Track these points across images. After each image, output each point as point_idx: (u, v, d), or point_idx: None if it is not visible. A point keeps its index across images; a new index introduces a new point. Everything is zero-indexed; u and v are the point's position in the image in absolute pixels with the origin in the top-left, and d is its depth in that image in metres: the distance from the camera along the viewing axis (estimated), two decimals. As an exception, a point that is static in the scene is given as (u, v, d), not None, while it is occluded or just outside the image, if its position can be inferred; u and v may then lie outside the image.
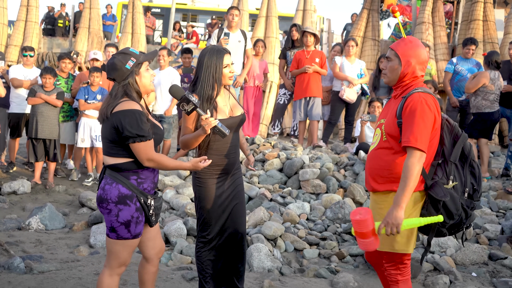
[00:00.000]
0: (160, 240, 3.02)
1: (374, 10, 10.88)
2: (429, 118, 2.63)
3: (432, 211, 2.67)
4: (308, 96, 7.34)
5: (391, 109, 2.83)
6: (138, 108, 2.65)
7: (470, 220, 2.77)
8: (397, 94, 2.85)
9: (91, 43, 12.08)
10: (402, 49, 2.76)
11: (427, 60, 2.82)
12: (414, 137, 2.59)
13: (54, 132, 6.81)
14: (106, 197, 2.69)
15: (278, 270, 4.22)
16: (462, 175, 2.74)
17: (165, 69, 7.49)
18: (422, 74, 2.81)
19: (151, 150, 2.65)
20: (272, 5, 10.71)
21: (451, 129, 2.78)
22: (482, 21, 10.11)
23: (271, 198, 5.51)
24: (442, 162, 2.74)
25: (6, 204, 5.97)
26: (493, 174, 7.09)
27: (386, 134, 2.77)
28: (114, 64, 2.69)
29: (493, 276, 4.34)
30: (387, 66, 2.83)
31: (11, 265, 3.87)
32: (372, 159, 2.84)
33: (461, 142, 2.75)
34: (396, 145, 2.73)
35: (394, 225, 2.55)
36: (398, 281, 2.79)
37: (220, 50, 3.09)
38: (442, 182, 2.69)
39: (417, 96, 2.66)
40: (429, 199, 2.69)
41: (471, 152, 2.77)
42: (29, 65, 7.42)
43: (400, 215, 2.55)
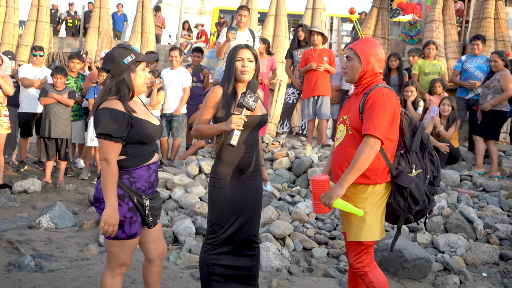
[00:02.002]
0: (163, 241, 2.96)
1: (384, 8, 10.82)
2: (388, 110, 2.77)
3: (399, 199, 2.84)
4: (317, 95, 7.32)
5: (353, 105, 2.95)
6: (120, 108, 2.61)
7: (432, 205, 2.94)
8: (358, 91, 2.98)
9: (101, 42, 12.16)
10: (361, 48, 2.91)
11: (384, 58, 2.96)
12: (373, 125, 2.73)
13: (66, 131, 6.86)
14: (99, 197, 2.65)
15: (286, 269, 4.21)
16: (423, 163, 2.91)
17: (176, 68, 7.52)
18: (381, 71, 2.95)
19: (112, 152, 2.58)
20: (281, 4, 10.69)
21: (410, 121, 2.95)
22: (493, 19, 10.01)
23: (280, 197, 5.50)
24: (404, 152, 2.91)
25: (17, 203, 6.02)
26: (504, 174, 7.02)
27: (352, 128, 2.89)
28: (113, 56, 2.67)
29: (504, 276, 4.30)
30: (347, 65, 2.97)
31: (21, 263, 3.90)
32: (339, 153, 2.95)
33: (420, 132, 2.92)
34: (360, 138, 2.85)
35: (328, 197, 2.76)
36: (366, 272, 2.91)
37: (239, 45, 3.13)
38: (406, 171, 2.86)
39: (378, 90, 2.81)
40: (396, 187, 2.84)
41: (429, 141, 2.94)
42: (38, 64, 7.47)
43: (338, 192, 2.74)
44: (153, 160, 2.79)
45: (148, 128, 2.72)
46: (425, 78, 7.88)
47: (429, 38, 9.72)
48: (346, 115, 2.97)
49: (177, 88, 7.50)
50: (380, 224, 2.88)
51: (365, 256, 2.91)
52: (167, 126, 7.58)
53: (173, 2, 25.25)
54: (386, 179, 2.85)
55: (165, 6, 24.84)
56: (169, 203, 5.63)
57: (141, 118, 2.70)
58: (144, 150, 2.72)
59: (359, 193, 2.85)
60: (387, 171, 2.85)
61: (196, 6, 27.08)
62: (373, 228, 2.85)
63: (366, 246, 2.89)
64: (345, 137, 2.92)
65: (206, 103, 3.06)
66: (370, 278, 2.90)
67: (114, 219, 2.56)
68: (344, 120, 2.97)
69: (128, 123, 2.63)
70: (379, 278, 2.91)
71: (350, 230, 2.89)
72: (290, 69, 8.19)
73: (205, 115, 3.06)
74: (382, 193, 2.86)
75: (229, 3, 26.05)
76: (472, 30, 10.39)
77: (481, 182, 6.32)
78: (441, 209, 5.23)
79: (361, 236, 2.85)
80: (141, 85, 2.75)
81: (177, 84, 7.49)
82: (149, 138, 2.72)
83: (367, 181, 2.82)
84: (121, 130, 2.60)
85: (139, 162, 2.70)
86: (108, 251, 2.76)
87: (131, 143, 2.67)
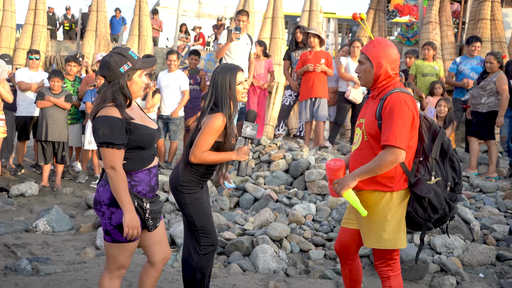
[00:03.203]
0: (167, 245, 2.95)
1: (380, 10, 10.86)
2: (407, 117, 2.69)
3: (417, 208, 2.77)
4: (314, 97, 7.32)
5: (369, 109, 2.90)
6: (118, 115, 2.59)
7: (453, 212, 2.87)
8: (374, 95, 2.91)
9: (98, 45, 12.17)
10: (371, 51, 2.83)
11: (398, 58, 2.87)
12: (393, 135, 2.66)
13: (63, 134, 6.86)
14: (99, 199, 2.66)
15: (283, 271, 4.21)
16: (443, 170, 2.84)
17: (174, 71, 7.53)
18: (396, 72, 2.86)
19: (117, 159, 2.58)
20: (278, 6, 10.71)
21: (429, 126, 2.86)
22: (489, 20, 10.04)
23: (277, 199, 5.51)
24: (423, 159, 2.82)
25: (14, 207, 6.01)
26: (501, 174, 7.04)
27: (367, 134, 2.84)
28: (109, 64, 2.64)
29: (501, 277, 4.30)
30: (360, 70, 2.90)
31: (18, 267, 3.89)
32: (355, 159, 2.91)
33: (440, 138, 2.84)
34: (376, 145, 2.80)
35: (340, 186, 2.78)
36: (389, 276, 2.88)
37: (233, 68, 3.08)
38: (425, 179, 2.78)
39: (395, 96, 2.73)
40: (414, 196, 2.77)
41: (450, 147, 2.87)
42: (35, 68, 7.47)
43: (350, 183, 2.76)
44: (154, 164, 2.79)
45: (147, 133, 2.71)
46: (423, 79, 7.90)
47: (425, 40, 9.75)
48: (363, 118, 2.92)
49: (174, 91, 7.51)
50: (402, 231, 2.82)
51: (391, 261, 2.87)
52: (164, 129, 7.58)
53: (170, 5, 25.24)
54: (403, 186, 2.79)
55: (162, 9, 24.84)
56: (166, 206, 5.63)
57: (139, 124, 2.69)
58: (144, 155, 2.72)
59: (377, 199, 2.80)
60: (404, 179, 2.78)
61: (194, 9, 27.07)
62: (393, 236, 2.79)
63: (391, 251, 2.85)
64: (361, 143, 2.88)
65: (211, 132, 2.96)
66: (391, 283, 2.88)
67: (135, 221, 2.60)
68: (361, 124, 2.91)
69: (127, 130, 2.63)
70: (399, 285, 2.89)
71: (369, 237, 2.84)
72: (288, 71, 8.19)
73: (208, 144, 2.99)
74: (400, 201, 2.79)
75: (227, 6, 26.08)
76: (469, 31, 10.44)
77: (478, 183, 6.33)
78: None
79: (380, 244, 2.81)
80: (138, 91, 2.74)
81: (174, 87, 7.50)
82: (148, 142, 2.72)
83: (383, 188, 2.77)
84: (122, 137, 2.59)
85: (140, 166, 2.70)
86: (107, 254, 2.76)
87: (130, 149, 2.67)
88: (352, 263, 3.11)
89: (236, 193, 5.82)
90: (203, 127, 3.00)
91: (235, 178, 5.93)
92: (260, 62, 8.09)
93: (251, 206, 5.54)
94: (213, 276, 3.85)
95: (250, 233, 4.70)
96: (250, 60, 7.28)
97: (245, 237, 4.60)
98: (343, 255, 3.10)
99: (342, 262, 3.13)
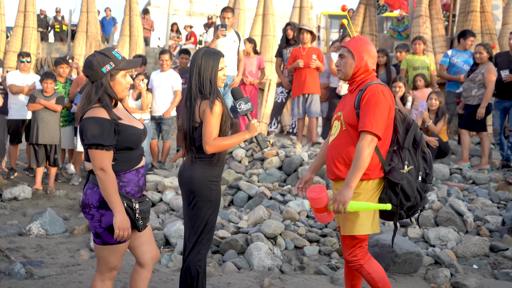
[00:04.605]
0: (155, 245, 2.94)
1: (371, 5, 10.86)
2: (384, 106, 2.83)
3: (391, 195, 2.88)
4: (306, 93, 7.32)
5: (347, 102, 3.02)
6: (105, 116, 2.58)
7: (424, 202, 2.98)
8: (352, 89, 3.03)
9: (89, 46, 12.11)
10: (354, 45, 2.99)
11: (376, 55, 3.04)
12: (369, 122, 2.78)
13: (55, 137, 6.83)
14: (88, 202, 2.64)
15: (278, 268, 4.21)
16: (415, 160, 2.95)
17: (166, 71, 7.51)
18: (374, 68, 3.01)
19: (106, 160, 2.56)
20: (268, 3, 10.70)
21: (404, 118, 2.99)
22: (479, 12, 10.07)
23: (271, 196, 5.51)
24: (397, 149, 2.95)
25: (7, 210, 5.99)
26: (494, 166, 7.07)
27: (346, 124, 2.94)
28: (91, 63, 2.61)
29: (494, 267, 4.33)
30: (341, 63, 3.03)
31: (11, 271, 3.88)
32: (333, 148, 3.00)
33: (413, 130, 2.97)
34: (355, 134, 2.91)
35: (341, 202, 2.75)
36: (362, 265, 2.96)
37: (216, 53, 3.05)
38: (399, 167, 2.90)
39: (374, 86, 2.87)
40: (388, 183, 2.89)
41: (422, 139, 2.98)
42: (26, 70, 7.43)
43: (348, 194, 2.76)
44: (142, 164, 2.78)
45: (134, 133, 2.70)
46: (414, 73, 7.92)
47: (416, 34, 9.76)
48: (341, 112, 3.02)
49: (166, 91, 7.49)
50: (374, 218, 2.93)
51: (358, 250, 2.95)
52: (157, 129, 7.56)
53: (161, 4, 25.14)
54: (379, 175, 2.90)
55: (153, 8, 24.75)
56: (160, 206, 5.62)
57: (126, 124, 2.68)
58: (132, 155, 2.71)
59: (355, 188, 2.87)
60: (380, 167, 2.90)
61: (185, 8, 26.97)
62: (366, 222, 2.89)
63: (360, 240, 2.94)
64: (339, 132, 2.98)
65: (215, 117, 2.92)
66: (366, 270, 2.95)
67: (126, 222, 2.59)
68: (339, 116, 3.02)
69: (115, 130, 2.61)
70: (376, 269, 2.97)
71: (345, 225, 2.94)
72: (280, 68, 8.19)
73: (217, 129, 2.94)
74: (375, 189, 2.91)
75: (218, 4, 26.01)
76: (459, 24, 10.45)
77: (471, 175, 6.35)
78: (431, 203, 5.25)
79: (354, 230, 2.90)
80: (122, 92, 2.72)
81: (166, 87, 7.48)
82: (135, 143, 2.72)
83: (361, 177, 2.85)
84: (111, 138, 2.57)
85: (128, 166, 2.69)
86: (97, 256, 2.74)
87: (119, 150, 2.65)
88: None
89: (230, 192, 5.81)
90: (205, 115, 2.93)
91: (231, 177, 5.93)
92: (250, 60, 8.08)
93: (245, 204, 5.54)
94: (208, 275, 3.85)
95: (245, 231, 4.70)
96: (239, 57, 7.27)
97: (240, 235, 4.60)
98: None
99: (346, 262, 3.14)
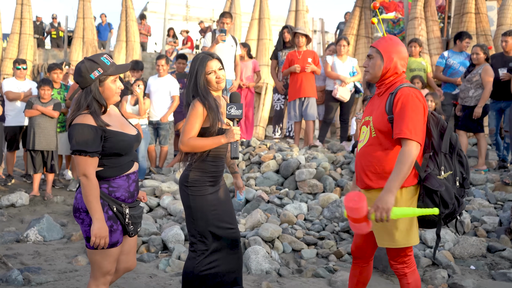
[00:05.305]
0: (134, 257, 2.94)
1: (366, 7, 10.89)
2: (420, 111, 2.70)
3: (428, 203, 2.73)
4: (302, 97, 7.33)
5: (377, 106, 2.88)
6: (91, 123, 2.61)
7: (461, 208, 2.85)
8: (381, 92, 2.90)
9: (85, 52, 12.12)
10: (383, 46, 2.85)
11: (407, 56, 2.89)
12: (407, 128, 2.64)
13: (52, 143, 6.83)
14: (78, 206, 2.67)
15: (276, 271, 4.22)
16: (451, 165, 2.84)
17: (163, 76, 7.52)
18: (403, 70, 2.87)
19: (90, 167, 2.59)
20: (264, 7, 10.73)
21: (437, 121, 2.86)
22: (474, 13, 10.11)
23: (268, 200, 5.51)
24: (433, 154, 2.81)
25: (5, 217, 5.98)
26: (491, 167, 7.08)
27: (376, 130, 2.81)
28: (80, 70, 2.65)
29: (492, 268, 4.34)
30: (369, 64, 2.90)
31: (9, 277, 3.87)
32: (363, 156, 2.87)
33: (448, 133, 2.84)
34: (386, 141, 2.78)
35: (384, 209, 2.59)
36: (406, 273, 2.87)
37: (204, 57, 3.08)
38: (435, 173, 2.76)
39: (406, 90, 2.74)
40: (425, 191, 2.74)
41: (457, 142, 2.87)
42: (22, 77, 7.44)
43: (390, 200, 2.59)
44: (133, 170, 2.79)
45: (123, 139, 2.71)
46: (411, 74, 7.93)
47: (412, 36, 9.79)
48: (370, 116, 2.90)
49: (163, 96, 7.50)
50: (413, 229, 2.80)
51: (406, 258, 2.86)
52: (154, 134, 7.57)
53: (158, 10, 25.18)
54: (413, 182, 2.77)
55: (150, 13, 24.80)
56: (157, 211, 5.63)
57: (115, 131, 2.69)
58: (121, 161, 2.73)
59: None
60: (414, 174, 2.76)
61: (181, 13, 27.03)
62: (407, 233, 2.77)
63: (405, 248, 2.83)
64: (369, 139, 2.86)
65: (193, 117, 2.98)
66: (408, 279, 2.87)
67: (104, 231, 2.59)
68: (367, 122, 2.90)
69: (102, 137, 2.63)
70: (416, 279, 2.89)
71: (382, 236, 2.82)
72: (275, 71, 8.20)
73: (195, 129, 3.00)
74: (410, 197, 2.78)
75: (214, 9, 26.07)
76: (454, 25, 10.49)
77: (468, 176, 6.36)
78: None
79: (394, 243, 2.79)
80: (112, 97, 2.74)
81: (164, 92, 7.49)
82: (125, 149, 2.73)
83: None
84: (95, 145, 2.60)
85: (117, 172, 2.71)
86: (91, 261, 2.75)
87: (107, 155, 2.67)
88: (367, 266, 3.09)
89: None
90: (187, 115, 3.03)
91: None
92: (246, 63, 8.10)
93: (243, 208, 5.54)
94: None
95: (242, 235, 4.70)
96: (236, 61, 7.29)
97: (237, 239, 4.60)
98: (359, 257, 3.07)
99: (356, 263, 3.10)
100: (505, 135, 6.94)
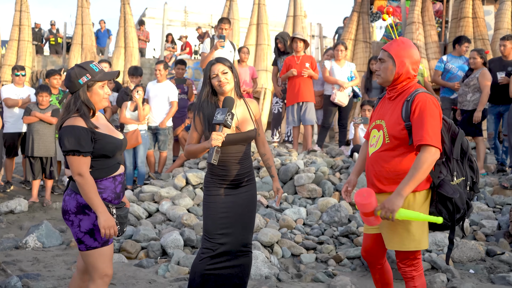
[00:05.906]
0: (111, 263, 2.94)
1: (364, 12, 10.94)
2: (437, 116, 2.71)
3: (441, 209, 2.76)
4: (301, 101, 7.35)
5: (391, 111, 2.85)
6: (82, 124, 2.71)
7: (470, 210, 2.88)
8: (393, 96, 2.87)
9: (84, 59, 12.16)
10: (395, 49, 2.80)
11: (419, 60, 2.86)
12: (427, 134, 2.64)
13: (50, 149, 6.83)
14: (67, 209, 2.75)
15: (275, 276, 4.21)
16: (463, 170, 2.85)
17: (162, 82, 7.54)
18: (415, 74, 2.85)
19: (84, 166, 2.68)
20: (262, 12, 10.78)
21: (449, 127, 2.85)
22: (471, 18, 10.16)
23: (267, 205, 5.52)
24: (445, 160, 2.82)
25: (4, 224, 5.97)
26: (489, 170, 7.10)
27: (390, 136, 2.79)
28: (69, 75, 2.78)
29: (491, 272, 4.34)
30: (380, 67, 2.86)
31: (8, 284, 3.86)
32: (376, 162, 2.86)
33: (460, 139, 2.84)
34: (400, 147, 2.77)
35: (390, 210, 2.62)
36: (413, 277, 2.87)
37: (210, 62, 3.20)
38: (448, 179, 2.77)
39: (423, 96, 2.73)
40: (438, 197, 2.76)
41: (468, 147, 2.88)
42: (20, 84, 7.45)
43: (398, 202, 2.61)
44: (119, 172, 2.89)
45: (111, 142, 2.82)
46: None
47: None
48: (381, 120, 2.87)
49: (162, 102, 7.51)
50: (423, 233, 2.81)
51: (415, 261, 2.87)
52: (153, 139, 7.58)
53: (156, 15, 25.24)
54: (425, 186, 2.77)
55: (148, 19, 24.85)
56: (156, 216, 5.62)
57: (103, 133, 2.80)
58: (108, 163, 2.83)
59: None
60: (427, 179, 2.76)
61: (180, 19, 27.10)
62: (417, 237, 2.78)
63: (415, 252, 2.84)
64: (382, 145, 2.83)
65: (192, 126, 3.20)
66: (415, 283, 2.87)
67: (110, 221, 2.69)
68: (380, 126, 2.87)
69: (92, 138, 2.73)
70: (423, 284, 2.89)
71: (392, 239, 2.82)
72: (276, 77, 8.23)
73: (193, 137, 3.20)
74: (422, 201, 2.79)
75: (213, 14, 26.14)
76: (452, 30, 10.54)
77: (466, 179, 6.37)
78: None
79: (404, 245, 2.79)
80: (99, 102, 2.84)
81: (162, 97, 7.50)
82: (112, 152, 2.83)
83: None
84: (88, 145, 2.71)
85: (104, 174, 2.81)
86: (86, 264, 2.81)
87: (95, 157, 2.77)
88: (381, 267, 3.09)
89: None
90: None
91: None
92: (243, 69, 8.13)
93: (242, 213, 5.53)
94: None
95: (241, 240, 4.69)
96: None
97: (236, 244, 4.59)
98: (371, 260, 3.07)
99: (371, 267, 3.10)
100: (504, 139, 6.95)
